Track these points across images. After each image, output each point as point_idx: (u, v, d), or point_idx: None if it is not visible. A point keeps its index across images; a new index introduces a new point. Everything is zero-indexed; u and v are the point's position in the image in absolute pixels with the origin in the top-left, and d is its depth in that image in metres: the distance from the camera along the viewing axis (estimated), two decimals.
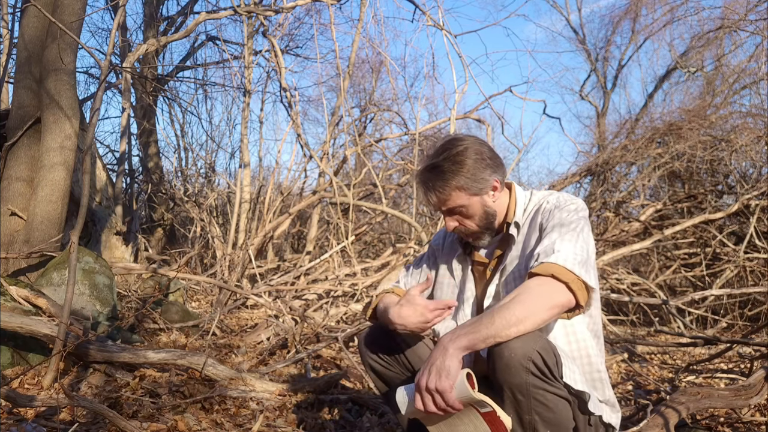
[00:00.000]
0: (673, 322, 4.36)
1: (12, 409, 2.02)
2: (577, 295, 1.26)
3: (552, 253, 1.29)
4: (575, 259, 1.28)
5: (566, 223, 1.37)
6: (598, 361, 1.45)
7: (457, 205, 1.45)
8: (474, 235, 1.50)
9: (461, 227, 1.48)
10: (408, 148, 7.40)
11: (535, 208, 1.48)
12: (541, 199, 1.49)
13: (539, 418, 1.21)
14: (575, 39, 12.97)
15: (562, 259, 1.27)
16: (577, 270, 1.26)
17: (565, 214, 1.40)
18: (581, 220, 1.39)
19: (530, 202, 1.51)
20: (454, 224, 1.48)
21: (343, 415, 2.23)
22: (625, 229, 5.42)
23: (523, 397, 1.20)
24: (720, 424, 2.13)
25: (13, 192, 3.49)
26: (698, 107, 6.94)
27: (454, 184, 1.42)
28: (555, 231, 1.36)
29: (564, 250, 1.29)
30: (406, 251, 5.00)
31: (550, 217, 1.41)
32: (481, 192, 1.44)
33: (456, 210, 1.46)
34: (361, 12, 5.65)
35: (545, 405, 1.21)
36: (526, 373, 1.19)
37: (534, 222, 1.46)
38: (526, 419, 1.22)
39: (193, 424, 1.98)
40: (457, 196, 1.43)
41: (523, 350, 1.19)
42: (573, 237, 1.33)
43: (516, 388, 1.20)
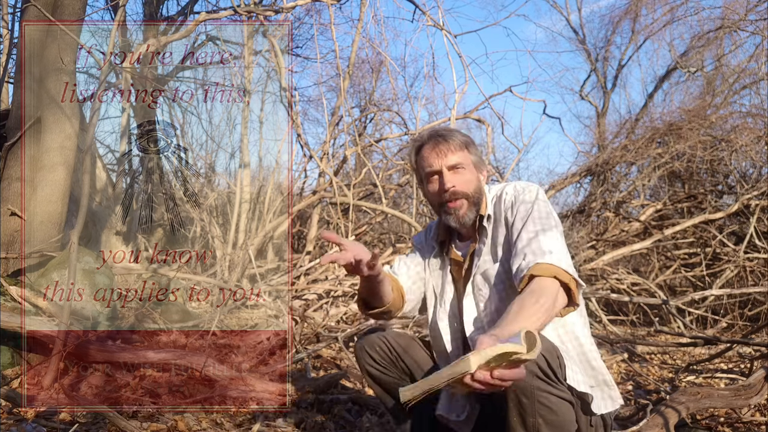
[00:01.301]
0: (673, 322, 4.35)
1: (12, 409, 2.03)
2: (574, 294, 1.30)
3: (545, 254, 1.32)
4: (568, 260, 1.33)
5: (541, 217, 1.41)
6: (587, 342, 1.46)
7: (462, 162, 1.51)
8: (465, 201, 1.51)
9: (459, 187, 1.50)
10: (408, 148, 7.39)
11: (494, 201, 1.53)
12: (498, 191, 1.55)
13: (543, 421, 1.21)
14: (575, 39, 12.96)
15: (557, 260, 1.31)
16: (571, 270, 1.31)
17: (531, 205, 1.44)
18: (551, 213, 1.44)
19: (490, 194, 1.57)
20: (454, 181, 1.50)
21: (343, 415, 2.23)
22: (625, 229, 5.42)
23: (527, 399, 1.20)
24: (720, 424, 2.13)
25: (13, 192, 3.49)
26: (698, 107, 6.94)
27: (464, 140, 1.53)
28: (531, 225, 1.40)
29: (556, 250, 1.33)
30: (406, 251, 5.00)
31: (515, 211, 1.45)
32: (477, 166, 1.55)
33: (459, 167, 1.51)
34: (361, 12, 5.65)
35: (549, 408, 1.21)
36: (531, 376, 1.19)
37: (497, 215, 1.51)
38: (530, 422, 1.22)
39: (193, 424, 1.99)
40: (464, 155, 1.52)
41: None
42: (556, 234, 1.38)
43: (520, 391, 1.20)
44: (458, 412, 1.54)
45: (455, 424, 1.54)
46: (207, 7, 9.30)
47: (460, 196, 1.50)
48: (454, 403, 1.56)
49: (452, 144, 1.50)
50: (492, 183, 1.68)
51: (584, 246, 5.29)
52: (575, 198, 7.43)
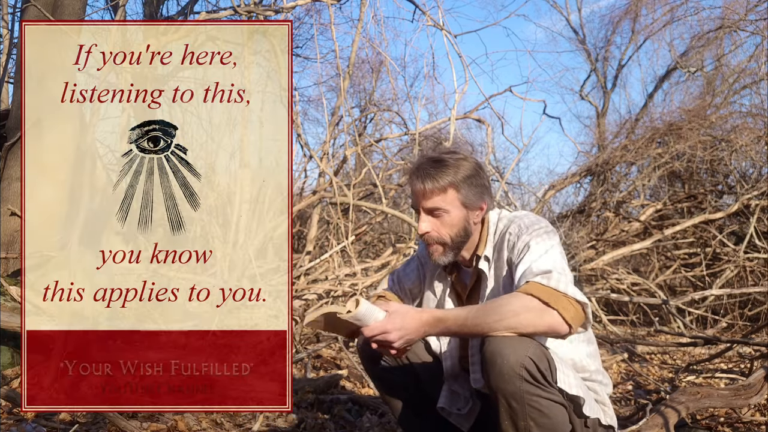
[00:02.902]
0: (673, 322, 4.35)
1: (12, 409, 2.03)
2: (572, 322, 1.24)
3: (540, 274, 1.26)
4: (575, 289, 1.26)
5: (540, 240, 1.35)
6: (588, 362, 1.44)
7: (443, 206, 1.40)
8: (440, 246, 1.43)
9: (433, 233, 1.42)
10: (408, 148, 7.39)
11: (496, 241, 1.45)
12: (503, 228, 1.45)
13: (534, 424, 1.22)
14: (575, 39, 12.95)
15: (554, 281, 1.25)
16: (579, 297, 1.25)
17: (528, 236, 1.37)
18: (552, 237, 1.37)
19: (497, 232, 1.46)
20: (428, 227, 1.41)
21: (343, 415, 2.23)
22: (625, 229, 5.42)
23: (517, 404, 1.21)
24: (720, 424, 2.14)
25: (13, 192, 3.49)
26: (698, 107, 6.94)
27: (451, 180, 1.39)
28: (530, 252, 1.33)
29: (556, 275, 1.26)
30: (406, 251, 5.00)
31: (519, 251, 1.36)
32: (469, 204, 1.42)
33: (438, 211, 1.40)
34: (361, 12, 5.64)
35: (540, 411, 1.21)
36: (520, 380, 1.19)
37: (499, 256, 1.43)
38: (521, 425, 1.22)
39: (193, 424, 1.99)
40: (448, 196, 1.39)
41: (515, 357, 1.19)
42: (558, 256, 1.33)
43: (510, 395, 1.20)
44: (460, 406, 1.55)
45: (456, 418, 1.55)
46: (207, 7, 9.32)
47: (433, 242, 1.42)
48: (456, 397, 1.56)
49: (436, 185, 1.38)
50: (498, 210, 1.52)
51: (584, 246, 5.29)
52: (575, 198, 7.43)
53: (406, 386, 1.57)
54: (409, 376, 1.56)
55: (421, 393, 1.57)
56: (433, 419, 1.57)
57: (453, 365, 1.57)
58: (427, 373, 1.57)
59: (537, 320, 1.22)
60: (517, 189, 9.01)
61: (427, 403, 1.56)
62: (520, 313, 1.22)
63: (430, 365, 1.59)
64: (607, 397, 1.46)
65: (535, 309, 1.22)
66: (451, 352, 1.57)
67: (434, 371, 1.58)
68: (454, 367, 1.57)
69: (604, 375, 1.49)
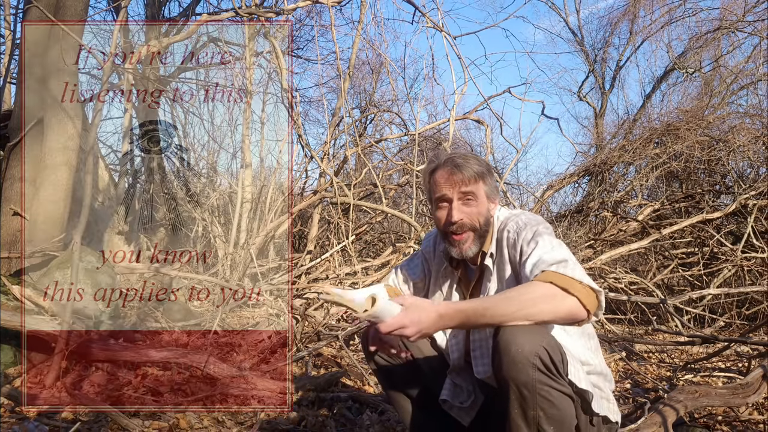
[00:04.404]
0: (671, 321, 4.37)
1: (14, 408, 2.04)
2: (590, 308, 1.27)
3: (555, 264, 1.30)
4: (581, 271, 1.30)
5: (541, 236, 1.39)
6: (589, 356, 1.46)
7: (477, 192, 1.47)
8: (471, 233, 1.48)
9: (466, 220, 1.47)
10: (408, 148, 7.42)
11: (497, 239, 1.50)
12: (500, 226, 1.50)
13: (543, 414, 1.23)
14: (573, 40, 12.98)
15: (570, 270, 1.28)
16: (594, 285, 1.29)
17: (531, 232, 1.41)
18: (552, 233, 1.42)
19: (497, 230, 1.52)
20: (461, 215, 1.47)
21: (343, 413, 2.25)
22: (623, 229, 5.44)
23: (528, 392, 1.21)
24: (718, 423, 2.15)
25: (15, 192, 3.51)
26: (696, 108, 6.96)
27: (481, 170, 1.48)
28: (539, 246, 1.36)
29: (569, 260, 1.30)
30: (406, 250, 5.02)
31: (521, 248, 1.41)
32: (490, 197, 1.51)
33: (471, 198, 1.47)
34: (362, 14, 5.66)
35: (550, 401, 1.22)
36: (533, 369, 1.20)
37: (501, 253, 1.48)
38: (531, 415, 1.23)
39: (195, 422, 2.00)
40: (478, 186, 1.48)
41: (530, 346, 1.21)
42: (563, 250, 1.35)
43: (522, 384, 1.21)
44: (462, 399, 1.56)
45: (458, 412, 1.56)
46: (209, 8, 9.33)
47: (467, 229, 1.48)
48: (459, 390, 1.58)
49: (466, 174, 1.46)
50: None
51: (582, 245, 5.30)
52: (573, 198, 7.45)
53: (408, 380, 1.59)
54: (412, 370, 1.58)
55: (423, 387, 1.59)
56: (435, 413, 1.59)
57: (459, 357, 1.58)
58: (429, 367, 1.58)
59: (557, 307, 1.24)
60: (515, 189, 9.05)
61: (429, 397, 1.58)
62: (540, 301, 1.24)
63: (432, 359, 1.61)
64: (611, 393, 1.48)
65: (555, 296, 1.24)
66: (458, 345, 1.58)
67: (436, 365, 1.60)
68: (460, 359, 1.59)
69: (607, 370, 1.50)
